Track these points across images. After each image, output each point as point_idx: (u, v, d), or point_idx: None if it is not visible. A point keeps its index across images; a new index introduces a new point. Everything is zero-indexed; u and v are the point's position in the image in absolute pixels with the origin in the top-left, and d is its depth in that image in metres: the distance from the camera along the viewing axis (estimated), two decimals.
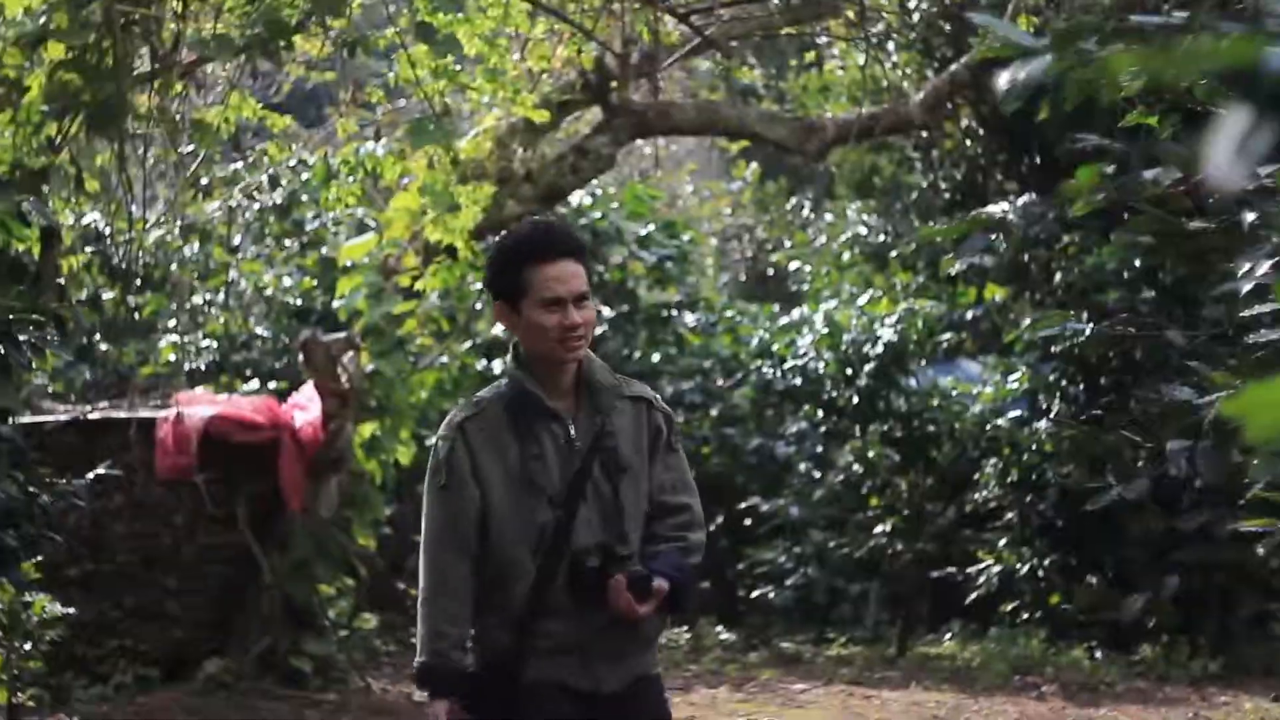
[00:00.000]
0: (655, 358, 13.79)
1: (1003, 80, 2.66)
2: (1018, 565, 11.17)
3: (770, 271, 18.73)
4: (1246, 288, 3.02)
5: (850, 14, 10.10)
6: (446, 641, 4.04)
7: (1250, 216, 3.06)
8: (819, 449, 13.37)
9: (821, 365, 12.46)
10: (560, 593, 4.02)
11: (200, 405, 10.03)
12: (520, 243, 4.13)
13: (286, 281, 12.80)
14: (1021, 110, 2.77)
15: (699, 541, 4.23)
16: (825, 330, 12.45)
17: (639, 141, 12.60)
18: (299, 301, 12.84)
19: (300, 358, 10.00)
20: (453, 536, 4.06)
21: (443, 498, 4.07)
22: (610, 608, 3.99)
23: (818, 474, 13.24)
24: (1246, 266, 2.96)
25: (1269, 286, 3.00)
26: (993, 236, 3.09)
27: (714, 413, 13.85)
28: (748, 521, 13.45)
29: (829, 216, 16.10)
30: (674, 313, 14.26)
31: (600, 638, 4.05)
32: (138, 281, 11.30)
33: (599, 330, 13.28)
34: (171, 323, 12.58)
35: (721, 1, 9.29)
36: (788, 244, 17.10)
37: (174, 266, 11.92)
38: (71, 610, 7.00)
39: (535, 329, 4.03)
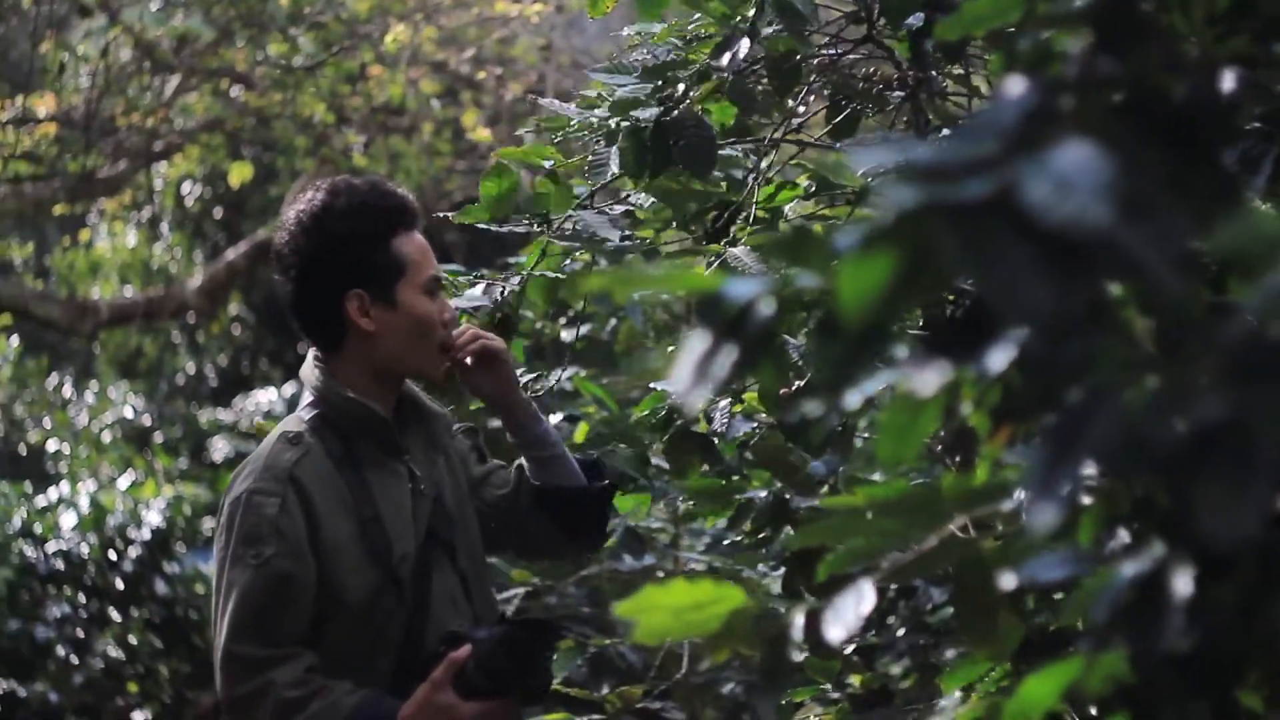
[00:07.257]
0: None
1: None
2: None
3: (24, 450, 18.12)
4: None
5: (125, 196, 10.10)
6: (338, 689, 2.67)
7: None
8: (80, 633, 13.02)
9: (85, 548, 12.18)
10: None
11: None
12: (382, 204, 2.80)
13: None
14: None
15: None
16: (89, 512, 12.20)
17: None
18: None
19: None
20: (274, 630, 2.67)
21: (262, 577, 2.65)
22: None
23: (76, 659, 12.88)
24: None
25: None
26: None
27: None
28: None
29: (91, 396, 15.81)
30: None
31: None
32: None
33: None
34: None
35: None
36: (47, 422, 16.63)
37: None
38: None
39: (418, 324, 2.77)
